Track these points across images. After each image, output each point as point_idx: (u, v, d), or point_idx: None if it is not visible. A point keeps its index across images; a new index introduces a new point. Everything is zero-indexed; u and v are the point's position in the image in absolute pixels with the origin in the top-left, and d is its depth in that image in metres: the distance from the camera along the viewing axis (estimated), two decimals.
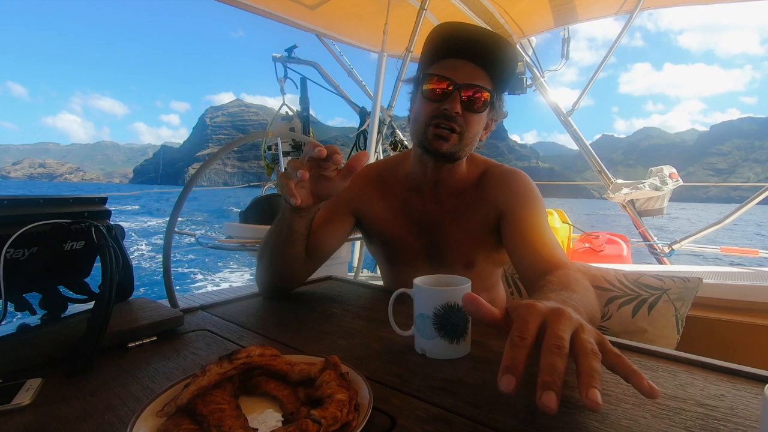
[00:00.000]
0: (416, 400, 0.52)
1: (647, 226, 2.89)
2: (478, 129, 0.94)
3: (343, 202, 1.08)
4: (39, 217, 0.66)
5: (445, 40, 0.93)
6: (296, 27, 2.99)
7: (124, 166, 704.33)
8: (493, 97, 0.94)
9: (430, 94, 0.92)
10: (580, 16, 2.90)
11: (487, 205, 0.99)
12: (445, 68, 0.91)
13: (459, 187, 1.03)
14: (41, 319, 0.74)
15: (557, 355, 0.41)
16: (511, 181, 1.00)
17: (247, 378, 0.52)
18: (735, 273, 1.67)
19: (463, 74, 0.90)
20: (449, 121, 0.90)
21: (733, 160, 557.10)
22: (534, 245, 0.89)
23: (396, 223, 1.06)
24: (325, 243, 1.03)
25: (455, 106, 0.89)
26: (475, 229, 1.01)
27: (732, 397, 0.51)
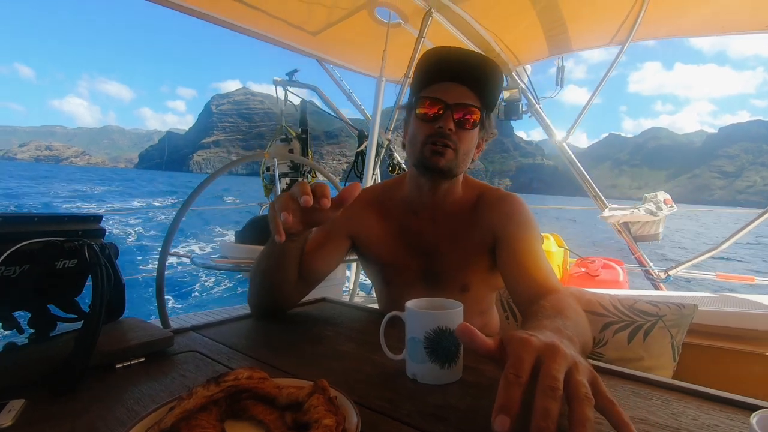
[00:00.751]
0: (406, 426, 0.51)
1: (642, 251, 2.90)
2: (470, 146, 0.98)
3: (339, 225, 1.08)
4: (32, 235, 0.66)
5: (436, 64, 0.97)
6: (298, 52, 3.06)
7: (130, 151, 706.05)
8: (483, 117, 0.98)
9: (424, 116, 0.96)
10: (574, 46, 2.99)
11: (482, 229, 1.00)
12: (436, 91, 0.96)
13: (455, 209, 1.04)
14: (29, 338, 0.73)
15: (552, 398, 0.41)
16: (507, 205, 1.01)
17: (235, 401, 0.52)
18: (731, 299, 1.66)
19: (453, 95, 0.94)
20: (444, 138, 0.94)
21: (740, 163, 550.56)
22: (528, 270, 0.90)
23: (393, 246, 1.07)
24: (319, 266, 1.04)
25: (448, 123, 0.93)
26: (471, 253, 1.01)
27: (725, 427, 0.51)
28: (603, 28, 2.78)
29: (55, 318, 0.75)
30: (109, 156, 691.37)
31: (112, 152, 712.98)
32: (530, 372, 0.43)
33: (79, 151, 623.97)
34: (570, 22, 2.68)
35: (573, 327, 0.62)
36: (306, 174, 2.96)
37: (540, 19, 2.66)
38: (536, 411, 0.40)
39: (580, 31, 2.82)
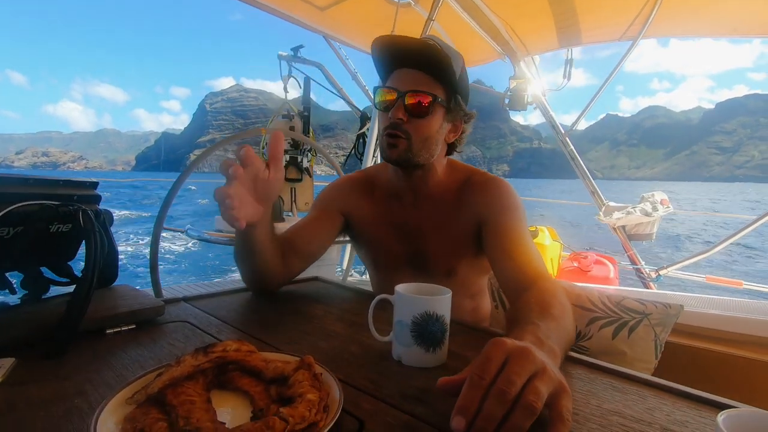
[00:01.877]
0: (387, 406, 0.52)
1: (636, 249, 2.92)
2: (427, 133, 0.95)
3: (332, 203, 1.11)
4: (27, 197, 0.66)
5: (387, 52, 0.96)
6: (305, 27, 3.00)
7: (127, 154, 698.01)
8: (447, 100, 0.95)
9: (381, 106, 0.96)
10: (584, 39, 2.94)
11: (467, 213, 1.00)
12: (392, 79, 0.95)
13: (437, 193, 1.04)
14: (21, 299, 0.73)
15: (498, 402, 0.42)
16: (493, 189, 1.00)
17: (221, 372, 0.53)
18: (717, 302, 1.69)
19: (407, 82, 0.93)
20: (394, 129, 0.93)
21: (738, 138, 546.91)
22: (513, 255, 0.90)
23: (380, 228, 1.08)
24: (313, 240, 1.05)
25: (397, 112, 0.92)
26: (456, 237, 1.02)
27: (696, 424, 0.52)
28: (615, 23, 2.74)
29: (47, 281, 0.76)
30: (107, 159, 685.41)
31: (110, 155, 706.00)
32: (495, 374, 0.44)
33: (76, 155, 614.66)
34: (582, 15, 2.64)
35: (556, 330, 0.63)
36: (306, 152, 2.94)
37: (552, 9, 2.62)
38: (482, 411, 0.42)
39: (592, 24, 2.77)
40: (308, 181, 2.88)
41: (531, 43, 3.08)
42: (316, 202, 1.15)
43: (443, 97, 0.95)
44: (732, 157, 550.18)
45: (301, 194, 2.83)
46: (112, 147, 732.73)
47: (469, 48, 3.30)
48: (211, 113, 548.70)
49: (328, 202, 1.11)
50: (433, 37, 0.95)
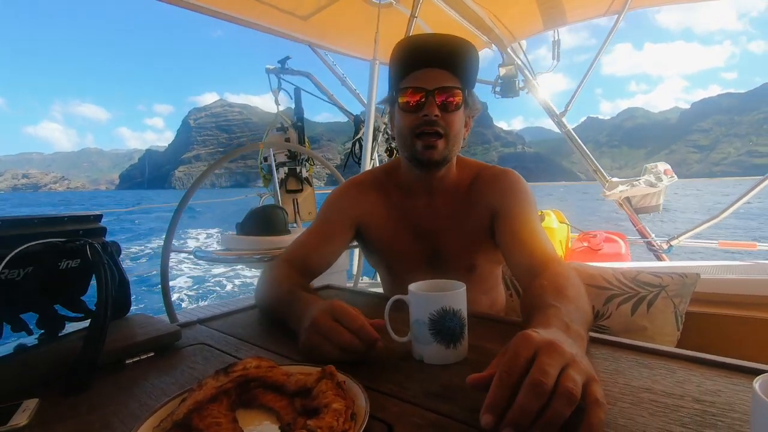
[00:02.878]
0: (413, 407, 0.52)
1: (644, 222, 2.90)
2: (459, 127, 0.97)
3: (342, 213, 1.08)
4: (33, 237, 0.66)
5: (410, 53, 0.96)
6: (289, 38, 3.01)
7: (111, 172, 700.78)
8: (465, 95, 0.96)
9: (407, 106, 0.95)
10: (569, 18, 2.93)
11: (481, 207, 1.01)
12: (415, 79, 0.95)
13: (451, 191, 1.04)
14: (38, 339, 0.73)
15: (534, 394, 0.41)
16: (503, 180, 1.01)
17: (244, 390, 0.52)
18: (733, 267, 1.67)
19: (432, 80, 0.93)
20: (432, 126, 0.93)
21: (714, 136, 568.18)
22: (525, 242, 0.91)
23: (395, 231, 1.07)
24: (326, 259, 1.05)
25: (433, 110, 0.92)
26: (473, 233, 1.02)
27: (729, 393, 0.52)
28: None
29: (62, 318, 0.76)
30: (90, 179, 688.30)
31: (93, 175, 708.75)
32: (524, 370, 0.43)
33: (57, 176, 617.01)
34: None
35: (576, 312, 0.63)
36: (303, 162, 2.95)
37: None
38: (516, 404, 0.41)
39: (575, 2, 2.76)
40: (309, 190, 2.89)
41: (516, 28, 3.07)
42: (325, 213, 1.11)
43: (464, 93, 0.96)
44: (710, 155, 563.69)
45: (303, 204, 2.83)
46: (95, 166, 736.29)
47: None
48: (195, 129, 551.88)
49: (338, 214, 1.09)
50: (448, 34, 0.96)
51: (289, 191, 2.80)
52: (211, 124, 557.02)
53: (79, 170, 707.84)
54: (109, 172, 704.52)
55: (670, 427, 0.45)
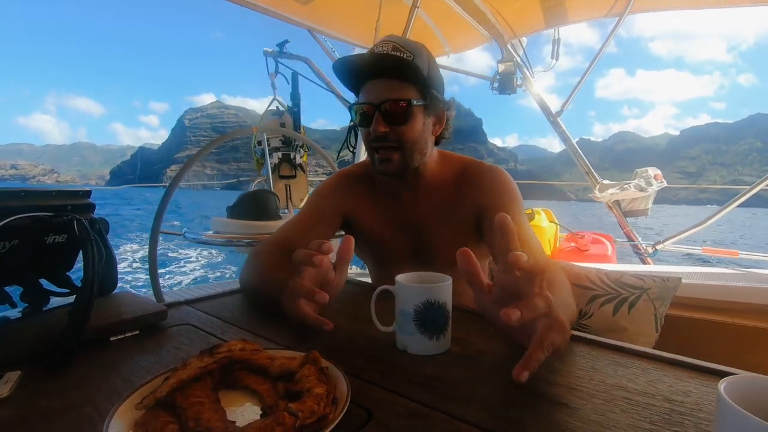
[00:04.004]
0: (395, 395, 0.53)
1: (632, 226, 2.94)
2: (415, 135, 0.96)
3: (330, 204, 1.09)
4: (20, 210, 0.66)
5: (349, 72, 0.96)
6: (288, 22, 2.97)
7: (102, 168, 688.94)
8: (423, 97, 0.95)
9: (361, 121, 0.97)
10: (571, 18, 2.93)
11: (468, 203, 1.02)
12: (364, 92, 0.96)
13: (436, 186, 1.05)
14: (22, 312, 0.73)
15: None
16: (491, 178, 1.02)
17: (228, 372, 0.53)
18: (715, 273, 1.71)
19: (378, 92, 0.93)
20: (381, 141, 0.94)
21: (701, 163, 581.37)
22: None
23: (382, 224, 1.08)
24: None
25: (378, 126, 0.93)
26: (459, 228, 1.03)
27: (698, 393, 0.53)
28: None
29: (47, 292, 0.76)
30: (80, 173, 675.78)
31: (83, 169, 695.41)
32: None
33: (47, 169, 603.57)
34: None
35: (562, 305, 0.64)
36: (298, 148, 2.93)
37: None
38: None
39: (577, 1, 2.76)
40: (302, 177, 2.88)
41: (517, 24, 3.06)
42: (314, 202, 1.13)
43: (418, 96, 0.94)
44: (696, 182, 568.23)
45: (296, 191, 2.82)
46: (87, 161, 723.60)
47: (455, 34, 3.27)
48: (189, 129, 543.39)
49: (326, 203, 1.10)
50: (391, 38, 0.93)
51: (282, 177, 2.79)
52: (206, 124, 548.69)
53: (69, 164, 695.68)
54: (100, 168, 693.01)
55: (640, 423, 0.46)
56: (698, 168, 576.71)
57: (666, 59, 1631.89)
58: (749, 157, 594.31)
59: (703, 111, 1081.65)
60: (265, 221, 1.92)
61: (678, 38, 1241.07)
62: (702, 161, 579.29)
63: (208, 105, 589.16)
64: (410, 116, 0.93)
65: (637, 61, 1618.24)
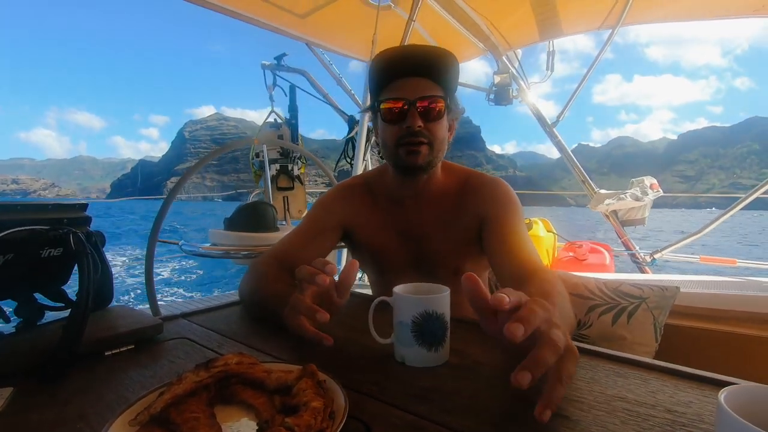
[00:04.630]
0: (393, 408, 0.52)
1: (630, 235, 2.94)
2: (443, 135, 0.98)
3: (330, 216, 1.10)
4: (16, 223, 0.65)
5: (388, 62, 0.97)
6: (286, 35, 3.00)
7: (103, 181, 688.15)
8: (447, 101, 0.98)
9: (390, 117, 0.97)
10: (565, 30, 2.97)
11: (469, 213, 1.02)
12: (395, 89, 0.96)
13: (438, 196, 1.05)
14: (16, 327, 0.72)
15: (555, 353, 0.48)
16: (492, 189, 1.03)
17: (224, 386, 0.52)
18: (713, 282, 1.70)
19: (412, 89, 0.94)
20: (415, 137, 0.94)
21: (699, 167, 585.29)
22: (512, 250, 0.93)
23: (383, 234, 1.08)
24: (309, 261, 1.04)
25: (416, 121, 0.93)
26: (460, 237, 1.03)
27: (699, 404, 0.53)
28: (593, 12, 2.77)
29: (42, 307, 0.75)
30: (80, 187, 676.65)
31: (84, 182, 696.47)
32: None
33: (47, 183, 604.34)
34: (561, 6, 2.66)
35: (560, 316, 0.64)
36: (296, 160, 2.94)
37: (531, 2, 2.64)
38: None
39: (571, 14, 2.80)
40: (300, 189, 2.88)
41: (512, 37, 3.10)
42: (314, 214, 1.12)
43: (446, 99, 0.97)
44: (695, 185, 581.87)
45: (293, 202, 2.82)
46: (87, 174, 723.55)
47: (451, 46, 3.31)
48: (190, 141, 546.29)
49: (326, 216, 1.10)
50: (420, 45, 0.98)
51: (280, 188, 2.79)
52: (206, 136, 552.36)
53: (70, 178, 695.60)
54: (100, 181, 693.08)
55: None
56: (697, 172, 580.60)
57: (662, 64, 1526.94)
58: (747, 159, 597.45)
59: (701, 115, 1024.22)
60: (263, 233, 1.92)
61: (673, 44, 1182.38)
62: (701, 165, 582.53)
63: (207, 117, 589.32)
64: (443, 115, 0.96)
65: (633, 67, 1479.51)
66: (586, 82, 3.22)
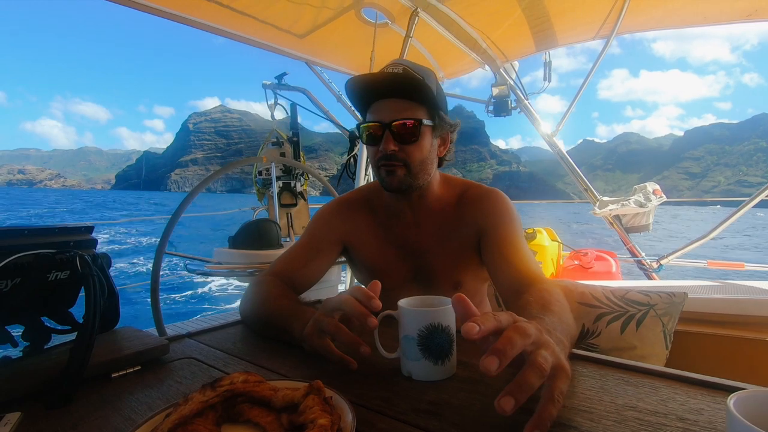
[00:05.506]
0: (401, 424, 0.52)
1: (634, 242, 2.93)
2: (421, 156, 0.97)
3: (329, 230, 1.10)
4: (23, 248, 0.66)
5: (362, 90, 0.97)
6: (286, 55, 3.06)
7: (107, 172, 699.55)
8: (431, 118, 0.97)
9: (369, 140, 0.98)
10: (560, 41, 3.01)
11: (467, 226, 1.02)
12: (373, 112, 0.97)
13: (437, 210, 1.06)
14: (23, 351, 0.73)
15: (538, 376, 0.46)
16: (490, 200, 1.03)
17: (231, 405, 0.52)
18: (721, 287, 1.69)
19: (389, 112, 0.94)
20: (390, 160, 0.95)
21: (705, 164, 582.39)
22: (511, 261, 0.93)
23: (382, 249, 1.08)
24: (309, 277, 1.07)
25: (389, 145, 0.94)
26: (459, 250, 1.03)
27: (711, 411, 0.52)
28: (588, 23, 2.80)
29: (49, 330, 0.75)
30: (86, 177, 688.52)
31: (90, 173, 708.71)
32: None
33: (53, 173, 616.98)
34: (555, 18, 2.70)
35: (560, 324, 0.64)
36: (299, 177, 2.96)
37: (526, 16, 2.68)
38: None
39: (566, 26, 2.84)
40: (303, 205, 2.90)
41: (509, 50, 3.14)
42: (312, 230, 1.13)
43: (427, 117, 0.96)
44: (700, 182, 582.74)
45: (297, 219, 2.84)
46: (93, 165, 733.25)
47: (449, 60, 3.36)
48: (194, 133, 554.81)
49: (325, 230, 1.11)
50: (401, 61, 0.97)
51: (283, 205, 2.81)
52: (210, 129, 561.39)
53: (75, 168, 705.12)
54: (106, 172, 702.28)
55: None
56: (702, 169, 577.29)
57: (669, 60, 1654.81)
58: (754, 157, 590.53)
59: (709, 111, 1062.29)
60: (267, 250, 1.93)
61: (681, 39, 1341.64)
62: (706, 162, 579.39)
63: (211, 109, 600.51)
64: (419, 136, 0.95)
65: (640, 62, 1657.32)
66: (582, 92, 3.25)
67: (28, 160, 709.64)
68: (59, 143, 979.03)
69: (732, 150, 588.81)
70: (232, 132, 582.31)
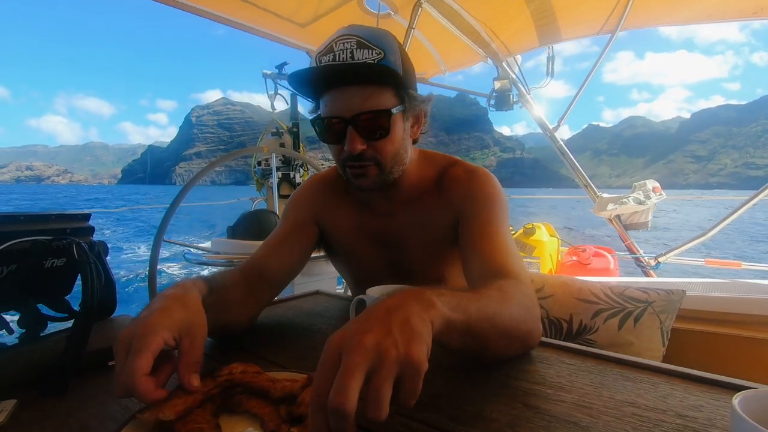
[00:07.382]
0: (399, 416, 0.52)
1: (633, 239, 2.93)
2: (395, 148, 0.83)
3: (304, 210, 1.00)
4: (19, 234, 0.65)
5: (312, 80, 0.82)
6: (287, 45, 3.03)
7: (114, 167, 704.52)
8: (400, 99, 0.81)
9: (329, 138, 0.83)
10: (564, 36, 2.98)
11: (444, 210, 0.90)
12: (331, 103, 0.80)
13: (413, 194, 0.93)
14: (19, 338, 0.72)
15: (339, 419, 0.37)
16: (471, 181, 0.89)
17: (229, 396, 0.52)
18: (719, 284, 1.69)
19: (349, 103, 0.78)
20: (358, 161, 0.81)
21: (712, 147, 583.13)
22: (484, 250, 0.79)
23: (355, 237, 0.97)
24: (285, 266, 0.93)
25: (354, 145, 0.79)
26: (438, 240, 0.91)
27: (711, 408, 0.52)
28: (592, 17, 2.78)
29: (45, 317, 0.74)
30: (92, 172, 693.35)
31: (96, 168, 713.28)
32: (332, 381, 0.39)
33: (60, 169, 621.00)
34: (559, 12, 2.68)
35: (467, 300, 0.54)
36: (298, 168, 2.95)
37: (530, 9, 2.66)
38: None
39: (570, 20, 2.82)
40: None
41: (512, 43, 3.11)
42: (286, 213, 1.01)
43: (395, 100, 0.80)
44: (706, 166, 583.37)
45: None
46: (99, 160, 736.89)
47: (451, 52, 3.33)
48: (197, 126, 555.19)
49: (299, 211, 0.99)
50: (352, 31, 0.78)
51: (282, 196, 2.80)
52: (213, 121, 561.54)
53: (82, 164, 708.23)
54: (112, 167, 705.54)
55: None
56: (709, 152, 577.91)
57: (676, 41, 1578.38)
58: (761, 138, 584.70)
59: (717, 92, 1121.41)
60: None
61: None
62: (713, 144, 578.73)
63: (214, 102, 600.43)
64: (389, 128, 0.79)
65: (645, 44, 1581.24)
66: (585, 87, 3.23)
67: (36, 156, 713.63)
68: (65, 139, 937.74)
69: (739, 132, 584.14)
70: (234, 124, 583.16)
